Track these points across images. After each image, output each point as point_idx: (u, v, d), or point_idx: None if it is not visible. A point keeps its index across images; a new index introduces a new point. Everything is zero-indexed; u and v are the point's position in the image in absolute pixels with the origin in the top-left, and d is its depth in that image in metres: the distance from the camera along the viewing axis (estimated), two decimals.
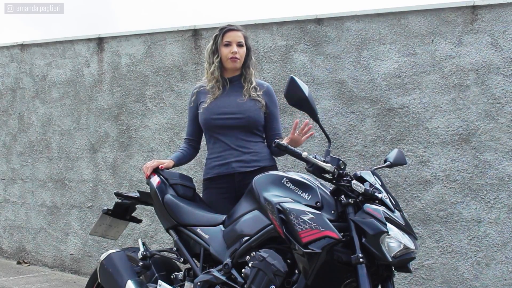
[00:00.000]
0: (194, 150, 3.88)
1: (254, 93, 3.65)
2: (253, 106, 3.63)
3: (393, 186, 4.89)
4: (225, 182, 3.60)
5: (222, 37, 3.70)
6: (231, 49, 3.65)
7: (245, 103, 3.62)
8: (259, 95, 3.67)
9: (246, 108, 3.61)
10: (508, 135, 4.57)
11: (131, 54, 6.41)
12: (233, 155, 3.58)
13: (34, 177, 7.16)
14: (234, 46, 3.66)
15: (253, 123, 3.63)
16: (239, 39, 3.69)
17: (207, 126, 3.65)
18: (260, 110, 3.65)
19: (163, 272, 3.57)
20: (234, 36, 3.69)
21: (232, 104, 3.62)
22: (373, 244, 2.61)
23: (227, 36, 3.69)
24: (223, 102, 3.64)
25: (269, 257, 2.80)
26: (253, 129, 3.64)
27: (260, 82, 3.77)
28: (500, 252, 4.58)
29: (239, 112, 3.59)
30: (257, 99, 3.65)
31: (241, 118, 3.59)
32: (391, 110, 4.96)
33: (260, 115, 3.65)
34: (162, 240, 6.03)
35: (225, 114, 3.60)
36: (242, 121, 3.59)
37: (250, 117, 3.61)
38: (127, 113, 6.41)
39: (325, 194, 2.86)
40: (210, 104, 3.63)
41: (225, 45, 3.67)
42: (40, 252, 7.08)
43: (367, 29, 5.10)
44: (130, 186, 6.32)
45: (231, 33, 3.70)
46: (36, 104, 7.16)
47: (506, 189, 4.57)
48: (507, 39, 4.60)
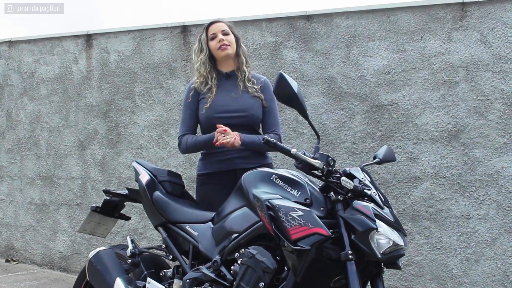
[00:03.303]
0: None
1: (250, 86, 3.65)
2: (255, 103, 3.64)
3: (383, 182, 4.90)
4: (227, 178, 3.59)
5: (206, 32, 3.72)
6: (218, 39, 3.66)
7: (246, 100, 3.62)
8: (257, 90, 3.67)
9: (248, 106, 3.61)
10: (497, 131, 4.58)
11: (120, 51, 6.38)
12: (235, 151, 3.57)
13: (22, 175, 7.12)
14: (220, 35, 3.67)
15: (255, 120, 3.65)
16: (222, 27, 3.71)
17: (209, 124, 3.62)
18: (260, 107, 3.66)
19: (152, 270, 3.57)
20: (217, 27, 3.71)
21: (234, 102, 3.61)
22: (363, 240, 2.61)
23: (210, 30, 3.71)
24: (224, 99, 3.62)
25: (258, 254, 2.80)
26: (254, 126, 3.66)
27: (257, 76, 3.78)
28: (489, 249, 4.59)
29: (242, 110, 3.59)
30: (257, 95, 3.65)
31: (245, 116, 3.59)
32: (381, 107, 4.96)
33: (260, 112, 3.67)
34: (151, 238, 6.02)
35: (228, 112, 3.58)
36: (245, 120, 3.60)
37: (253, 115, 3.62)
38: (116, 110, 6.38)
39: (314, 191, 2.86)
40: (211, 103, 3.61)
41: (211, 39, 3.69)
42: (29, 250, 7.05)
43: (357, 26, 5.10)
44: (119, 183, 6.29)
45: (213, 26, 3.73)
46: (24, 101, 7.12)
47: (495, 185, 4.58)
48: (496, 36, 4.61)
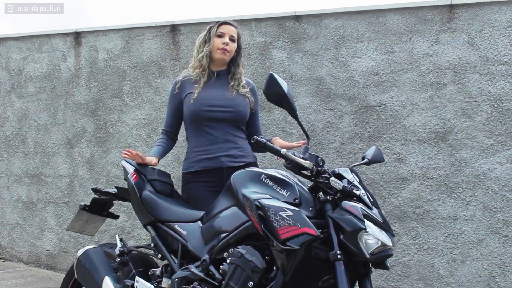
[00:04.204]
0: (172, 142, 3.87)
1: (241, 89, 3.70)
2: (242, 101, 3.68)
3: (371, 183, 4.92)
4: (213, 176, 3.60)
5: (217, 28, 3.73)
6: (223, 40, 3.68)
7: (235, 98, 3.65)
8: (247, 91, 3.72)
9: (236, 102, 3.64)
10: (484, 133, 4.61)
11: (108, 49, 6.37)
12: (221, 149, 3.59)
13: (9, 172, 7.09)
14: (227, 38, 3.70)
15: (241, 117, 3.67)
16: (232, 33, 3.74)
17: (195, 118, 3.63)
18: (248, 105, 3.70)
19: (141, 269, 3.56)
20: (229, 30, 3.74)
21: (222, 97, 3.64)
22: (351, 241, 2.62)
23: (222, 28, 3.73)
24: (212, 94, 3.64)
25: (247, 253, 2.81)
26: (240, 124, 3.68)
27: (246, 80, 3.82)
28: (476, 249, 4.62)
29: (229, 106, 3.62)
30: (246, 95, 3.71)
31: (231, 111, 3.62)
32: (369, 108, 4.99)
33: (248, 111, 3.71)
34: (139, 236, 6.01)
35: (215, 106, 3.60)
36: (232, 115, 3.62)
37: (240, 111, 3.65)
38: (104, 108, 6.37)
39: (304, 191, 2.87)
40: (199, 95, 3.62)
41: (218, 36, 3.71)
42: (16, 247, 7.01)
43: (346, 27, 5.12)
44: (107, 181, 6.28)
45: (226, 26, 3.74)
46: (12, 98, 7.08)
47: (481, 186, 4.61)
48: (484, 38, 4.64)
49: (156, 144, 3.81)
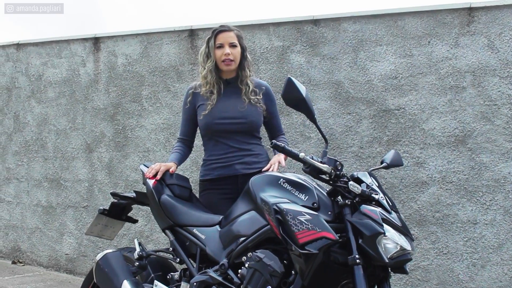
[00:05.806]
0: (189, 149, 3.86)
1: (253, 97, 3.63)
2: (254, 111, 3.63)
3: (389, 187, 4.90)
4: (228, 184, 3.60)
5: (214, 39, 3.64)
6: (224, 51, 3.60)
7: (247, 109, 3.61)
8: (259, 100, 3.66)
9: (248, 113, 3.61)
10: (504, 137, 4.57)
11: (127, 54, 6.40)
12: (235, 157, 3.59)
13: (29, 177, 7.14)
14: (227, 47, 3.61)
15: (254, 127, 3.65)
16: (231, 39, 3.64)
17: (208, 130, 3.63)
18: (261, 114, 3.67)
19: (159, 273, 3.57)
20: (226, 37, 3.63)
21: (233, 109, 3.60)
22: (370, 245, 2.61)
23: (218, 38, 3.63)
24: (223, 106, 3.62)
25: (265, 257, 2.81)
26: (253, 132, 3.66)
27: (258, 82, 3.75)
28: (496, 254, 4.58)
29: (241, 117, 3.59)
30: (258, 104, 3.65)
31: (244, 123, 3.60)
32: (388, 111, 4.97)
33: (261, 119, 3.68)
34: (157, 240, 6.03)
35: (227, 119, 3.59)
36: (244, 126, 3.60)
37: (252, 121, 3.62)
38: (123, 113, 6.40)
39: (322, 195, 2.87)
40: (212, 109, 3.61)
41: (218, 47, 3.62)
42: (35, 251, 7.06)
43: (364, 30, 5.10)
44: (125, 186, 6.31)
45: (222, 35, 3.64)
46: (32, 103, 7.14)
47: (502, 190, 4.58)
48: (504, 41, 4.61)
49: (173, 151, 3.80)
